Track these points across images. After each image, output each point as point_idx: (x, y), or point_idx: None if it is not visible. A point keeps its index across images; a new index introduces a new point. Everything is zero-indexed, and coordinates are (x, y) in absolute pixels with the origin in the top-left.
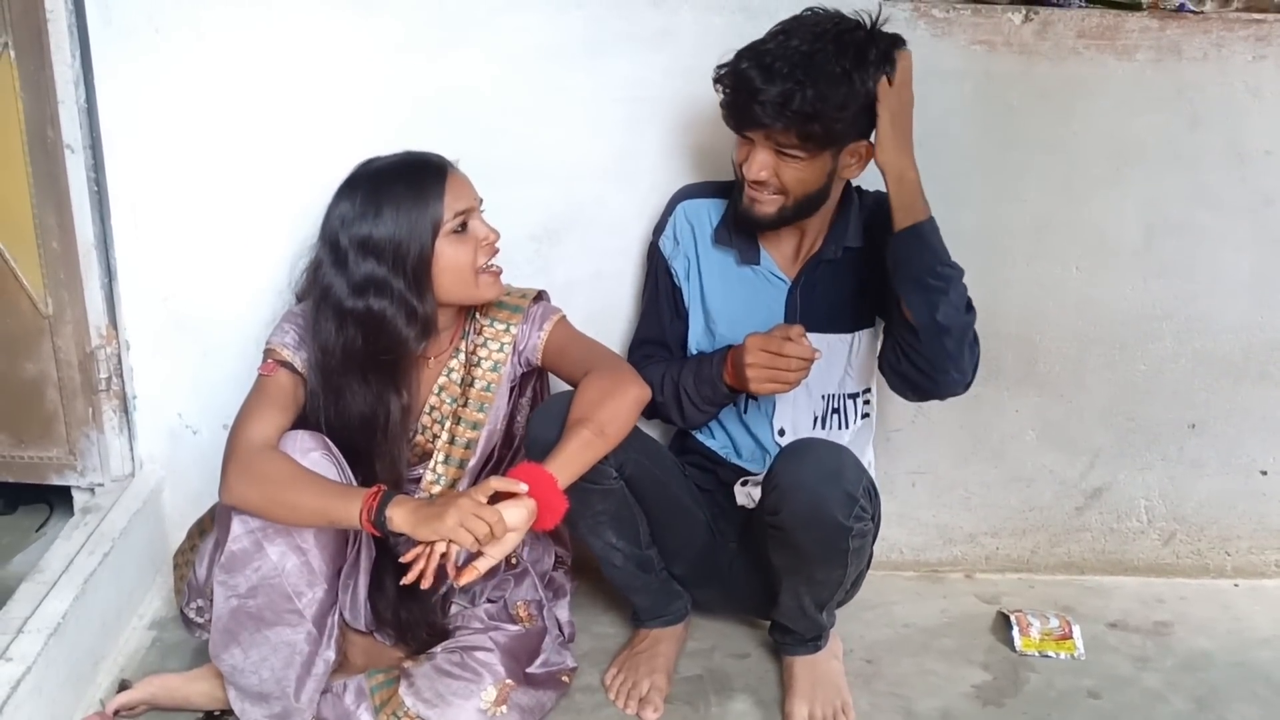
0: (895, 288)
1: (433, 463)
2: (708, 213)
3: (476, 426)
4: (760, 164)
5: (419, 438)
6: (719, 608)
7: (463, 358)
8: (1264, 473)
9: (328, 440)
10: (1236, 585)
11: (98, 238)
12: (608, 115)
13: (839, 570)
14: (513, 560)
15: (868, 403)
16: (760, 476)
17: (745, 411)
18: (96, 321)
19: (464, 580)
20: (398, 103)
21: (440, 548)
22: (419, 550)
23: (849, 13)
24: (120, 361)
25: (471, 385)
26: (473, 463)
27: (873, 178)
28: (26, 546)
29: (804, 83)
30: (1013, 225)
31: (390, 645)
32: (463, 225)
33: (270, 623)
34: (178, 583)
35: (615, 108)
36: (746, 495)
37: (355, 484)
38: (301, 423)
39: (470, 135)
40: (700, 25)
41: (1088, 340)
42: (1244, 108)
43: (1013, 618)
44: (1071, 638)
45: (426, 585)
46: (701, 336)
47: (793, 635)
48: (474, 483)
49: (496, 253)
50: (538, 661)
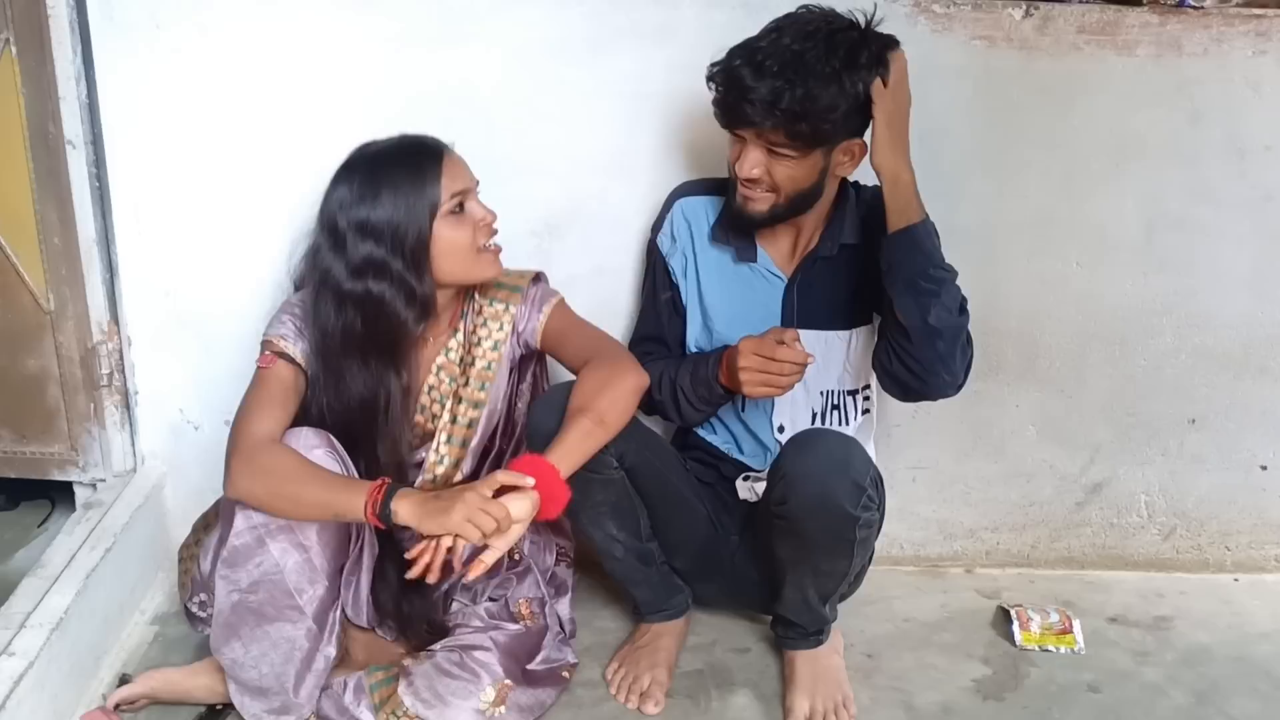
0: (887, 289)
1: (435, 443)
2: (705, 210)
3: (478, 405)
4: (752, 162)
5: (419, 418)
6: (720, 602)
7: (461, 337)
8: (1264, 467)
9: (331, 437)
10: (1236, 580)
11: (99, 233)
12: (609, 111)
13: (845, 561)
14: (515, 556)
15: (868, 399)
16: (763, 473)
17: (744, 409)
18: (98, 317)
19: (472, 575)
20: (399, 98)
21: (446, 542)
22: (425, 545)
23: (846, 11)
24: (122, 357)
25: (472, 364)
26: (475, 442)
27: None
28: (28, 542)
29: (793, 82)
30: (1013, 221)
31: (391, 641)
32: (460, 206)
33: (271, 618)
34: (182, 577)
35: (616, 103)
36: (749, 489)
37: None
38: (303, 412)
39: (471, 130)
40: (701, 21)
41: (1088, 335)
42: (1244, 103)
43: (1013, 612)
44: (1071, 632)
45: (433, 580)
46: (700, 334)
47: (795, 629)
48: (477, 462)
49: (495, 233)
50: (538, 659)
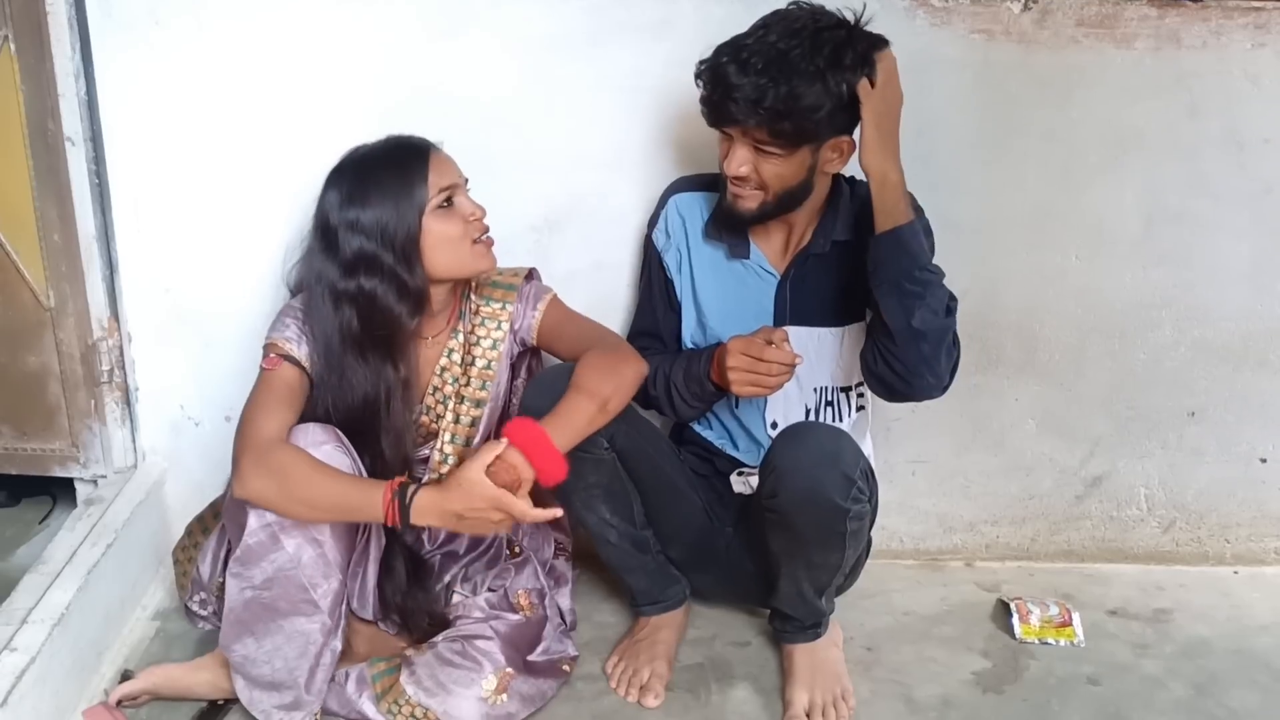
0: (872, 290)
1: (439, 443)
2: (699, 206)
3: (480, 404)
4: (739, 160)
5: (423, 418)
6: (717, 594)
7: (461, 338)
8: (1263, 460)
9: (339, 432)
10: (1236, 573)
11: (99, 230)
12: (608, 105)
13: (837, 553)
14: (515, 548)
15: (862, 395)
16: (756, 468)
17: (737, 406)
18: (98, 314)
19: (544, 515)
20: (398, 93)
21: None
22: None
23: (837, 8)
24: (122, 353)
25: (473, 364)
26: (478, 440)
27: None
28: (30, 538)
29: (777, 80)
30: (1012, 214)
31: (393, 634)
32: (448, 200)
33: (285, 613)
34: (180, 578)
35: (616, 98)
36: (744, 483)
37: (366, 474)
38: (308, 414)
39: (470, 125)
40: (700, 15)
41: (1087, 329)
42: (1243, 96)
43: (1013, 605)
44: (1071, 625)
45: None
46: (694, 329)
47: (792, 623)
48: None
49: (486, 228)
50: (539, 650)
